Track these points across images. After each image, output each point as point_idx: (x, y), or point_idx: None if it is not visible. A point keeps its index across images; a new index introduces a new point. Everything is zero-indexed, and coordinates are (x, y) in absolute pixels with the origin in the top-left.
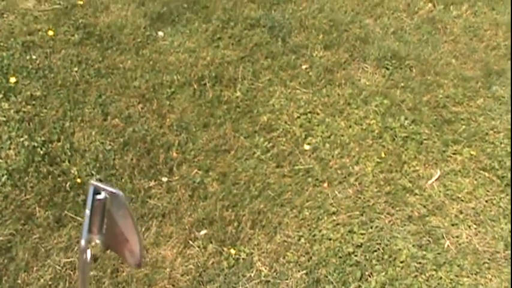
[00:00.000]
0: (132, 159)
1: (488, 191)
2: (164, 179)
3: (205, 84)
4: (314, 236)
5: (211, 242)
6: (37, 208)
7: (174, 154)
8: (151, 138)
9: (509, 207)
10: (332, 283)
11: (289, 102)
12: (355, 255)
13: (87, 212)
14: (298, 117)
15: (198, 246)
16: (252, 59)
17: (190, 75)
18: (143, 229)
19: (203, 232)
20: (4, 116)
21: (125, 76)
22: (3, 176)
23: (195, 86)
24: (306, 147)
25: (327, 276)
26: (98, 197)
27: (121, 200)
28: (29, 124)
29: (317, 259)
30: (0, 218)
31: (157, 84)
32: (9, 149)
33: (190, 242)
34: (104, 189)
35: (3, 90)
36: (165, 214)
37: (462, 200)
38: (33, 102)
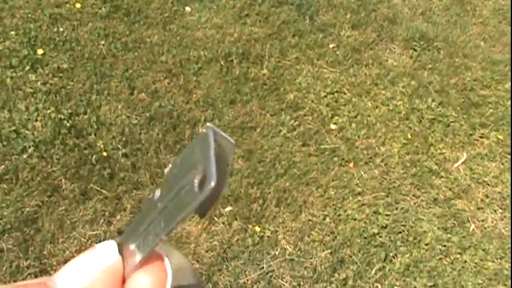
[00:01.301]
0: (158, 134)
1: None
2: None
3: (232, 60)
4: (339, 215)
5: (236, 219)
6: (63, 180)
7: (200, 130)
8: (178, 114)
9: None
10: (356, 263)
11: (316, 81)
12: (380, 236)
13: (212, 153)
14: (325, 96)
15: (223, 223)
16: (279, 37)
17: (217, 51)
18: None
19: (228, 209)
20: (31, 88)
21: (152, 51)
22: (30, 147)
23: (222, 62)
24: (332, 126)
25: (351, 256)
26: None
27: (231, 149)
28: (55, 96)
29: (342, 239)
30: (27, 189)
31: (184, 59)
32: (36, 120)
33: (215, 219)
34: (220, 135)
35: (31, 61)
36: None
37: (488, 184)
38: (60, 74)
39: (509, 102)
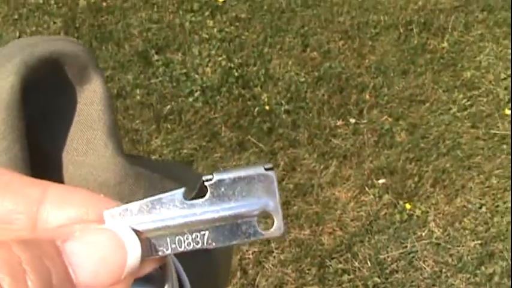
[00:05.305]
0: (323, 95)
1: None
2: (352, 120)
3: (411, 29)
4: (497, 206)
5: (387, 193)
6: (223, 128)
7: (367, 96)
8: (347, 77)
9: None
10: (507, 260)
11: (498, 61)
12: None
13: (279, 202)
14: (505, 78)
15: (373, 195)
16: (466, 10)
17: (398, 18)
18: (322, 167)
19: (381, 181)
20: (207, 34)
21: (331, 10)
22: (196, 91)
23: (401, 30)
24: (507, 112)
25: (502, 252)
26: None
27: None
28: (229, 45)
29: (495, 232)
30: (188, 131)
31: (362, 22)
32: (207, 66)
33: (366, 189)
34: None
35: (211, 8)
36: (347, 156)
37: None
38: (237, 23)
39: None
